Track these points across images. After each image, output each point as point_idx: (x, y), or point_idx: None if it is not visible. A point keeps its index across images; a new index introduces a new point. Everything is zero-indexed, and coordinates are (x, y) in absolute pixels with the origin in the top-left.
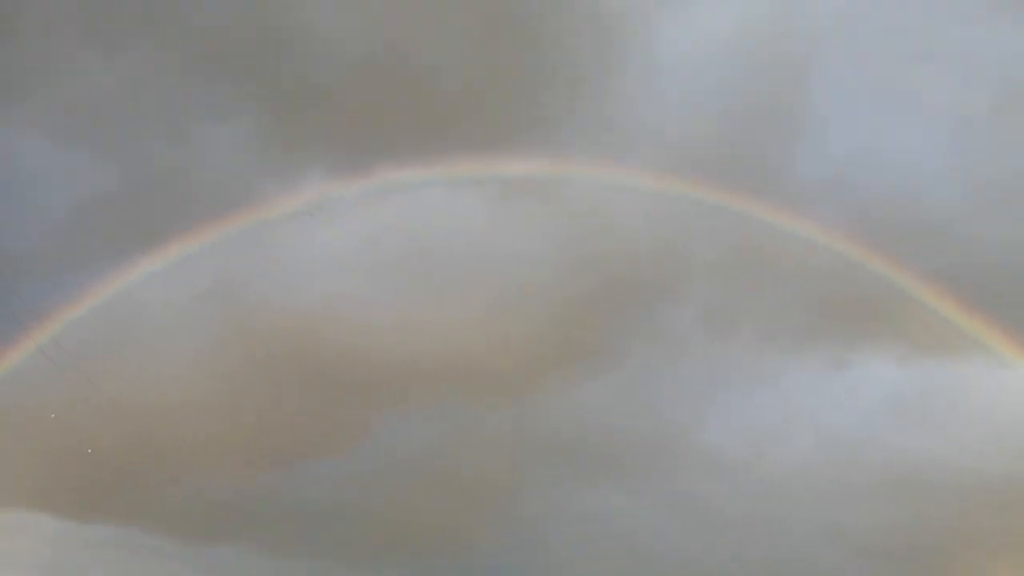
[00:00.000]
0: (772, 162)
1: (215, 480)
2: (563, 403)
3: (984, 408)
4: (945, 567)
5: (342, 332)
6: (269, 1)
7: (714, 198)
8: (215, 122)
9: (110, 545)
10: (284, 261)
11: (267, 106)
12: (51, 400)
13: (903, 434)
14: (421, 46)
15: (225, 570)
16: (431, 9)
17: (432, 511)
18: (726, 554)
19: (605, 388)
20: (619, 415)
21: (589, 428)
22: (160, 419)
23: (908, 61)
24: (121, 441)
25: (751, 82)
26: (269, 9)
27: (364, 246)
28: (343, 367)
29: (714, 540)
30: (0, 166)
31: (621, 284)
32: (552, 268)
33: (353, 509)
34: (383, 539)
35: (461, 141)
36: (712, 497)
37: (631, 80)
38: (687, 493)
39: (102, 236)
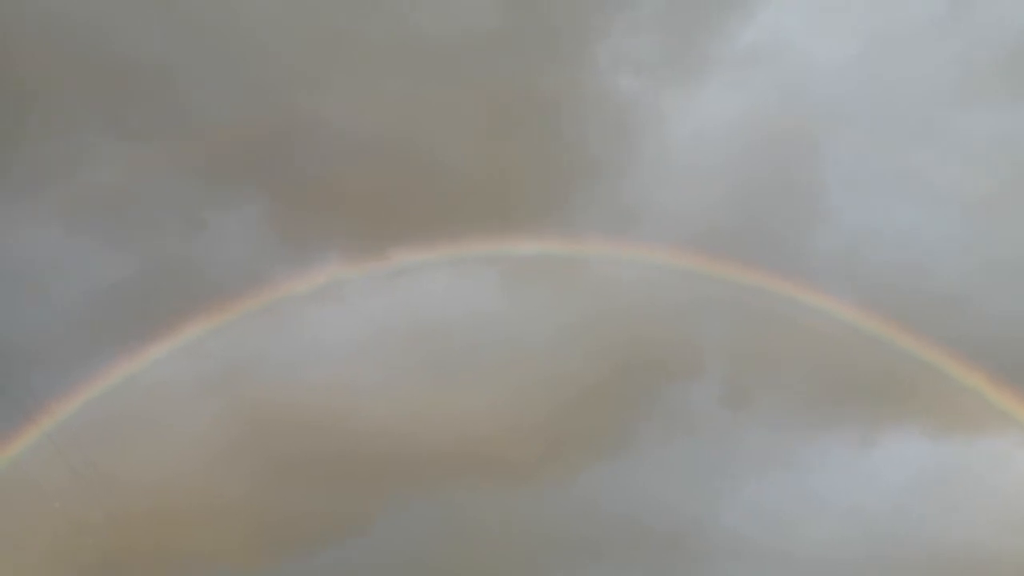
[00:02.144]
0: (786, 237)
1: (227, 570)
2: (577, 491)
3: (1017, 484)
4: None
5: (350, 418)
6: (280, 92)
7: (729, 274)
8: (228, 210)
9: None
10: (294, 346)
11: (280, 193)
12: (56, 488)
13: (934, 513)
14: (432, 132)
15: None
16: (441, 97)
17: None
18: None
19: (621, 475)
20: (636, 502)
21: (604, 516)
22: (167, 507)
23: (913, 142)
24: (127, 530)
25: (761, 159)
26: (280, 99)
27: (375, 330)
28: (351, 454)
29: None
30: (14, 256)
31: (636, 366)
32: (566, 351)
33: None
34: None
35: (474, 225)
36: None
37: (643, 161)
38: None
39: (113, 323)
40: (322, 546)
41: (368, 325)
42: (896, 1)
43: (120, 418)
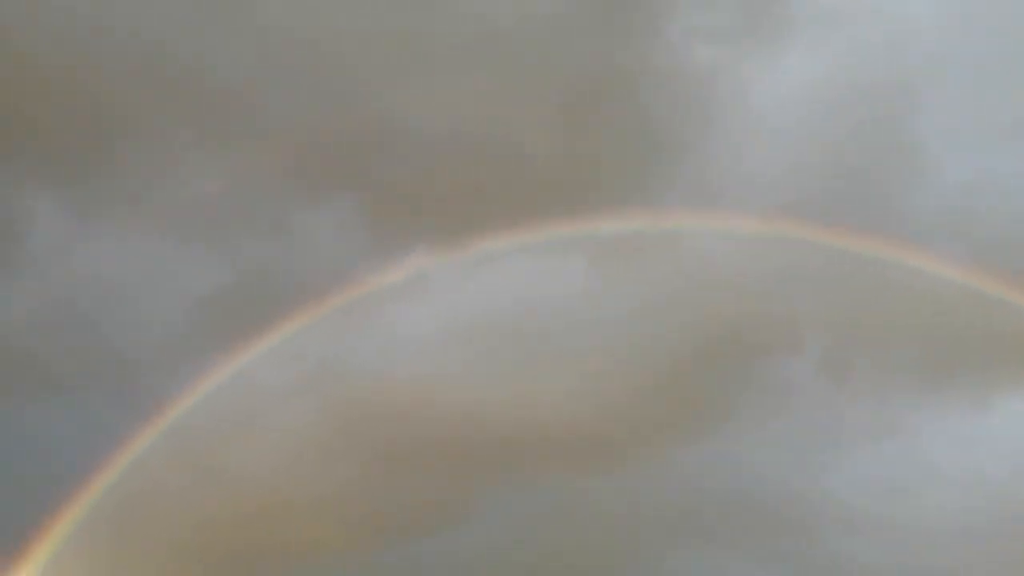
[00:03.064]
0: (885, 197)
1: (330, 558)
2: (674, 471)
3: None
4: None
5: (442, 408)
6: (357, 93)
7: (825, 240)
8: (314, 211)
9: None
10: (384, 340)
11: (363, 192)
12: (172, 488)
13: None
14: (508, 121)
15: None
16: (513, 85)
17: None
18: None
19: (719, 453)
20: (737, 477)
21: (704, 495)
22: (274, 501)
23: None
24: (241, 525)
25: (852, 120)
26: (358, 100)
27: (462, 320)
28: (444, 444)
29: None
30: (120, 268)
31: (730, 341)
32: (655, 329)
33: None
34: None
35: (556, 209)
36: (848, 557)
37: (727, 131)
38: (821, 555)
39: (215, 327)
40: (419, 535)
41: (455, 315)
42: None
43: (227, 418)
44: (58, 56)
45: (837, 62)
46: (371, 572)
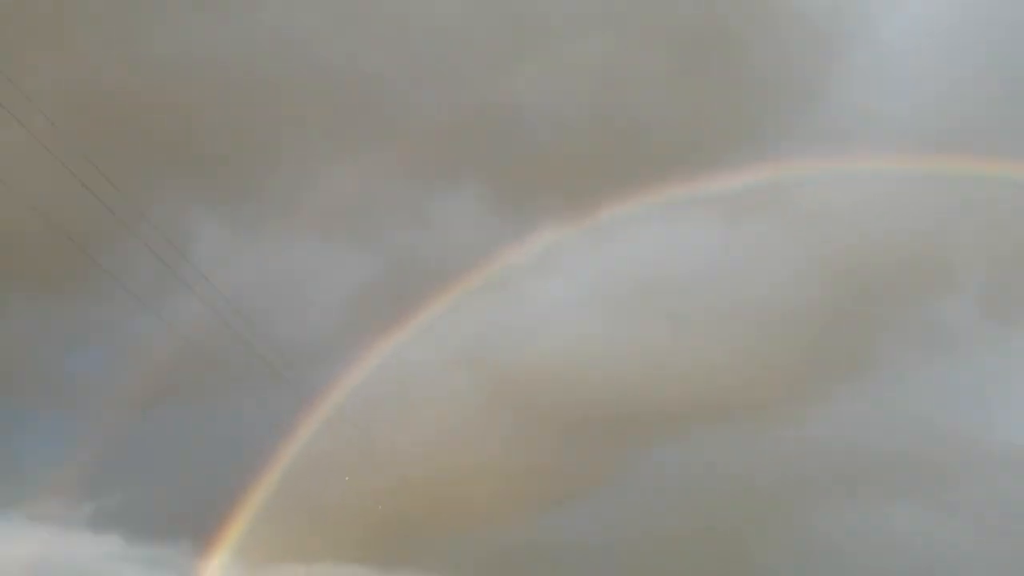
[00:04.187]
0: None
1: (499, 525)
2: (830, 421)
3: None
4: None
5: (586, 376)
6: (477, 81)
7: (972, 171)
8: (447, 198)
9: None
10: (524, 314)
11: (491, 174)
12: (342, 465)
13: None
14: (623, 89)
15: None
16: (624, 53)
17: (711, 541)
18: None
19: (880, 398)
20: (900, 424)
21: (861, 447)
22: (436, 473)
23: None
24: (405, 496)
25: (989, 46)
26: (478, 88)
27: (596, 289)
28: (591, 410)
29: None
30: (278, 266)
31: (878, 287)
32: (796, 281)
33: (623, 541)
34: (661, 568)
35: (680, 170)
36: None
37: (853, 71)
38: (994, 501)
39: (366, 315)
40: (573, 500)
41: (590, 284)
42: None
43: (385, 398)
44: (204, 86)
45: None
46: (527, 537)
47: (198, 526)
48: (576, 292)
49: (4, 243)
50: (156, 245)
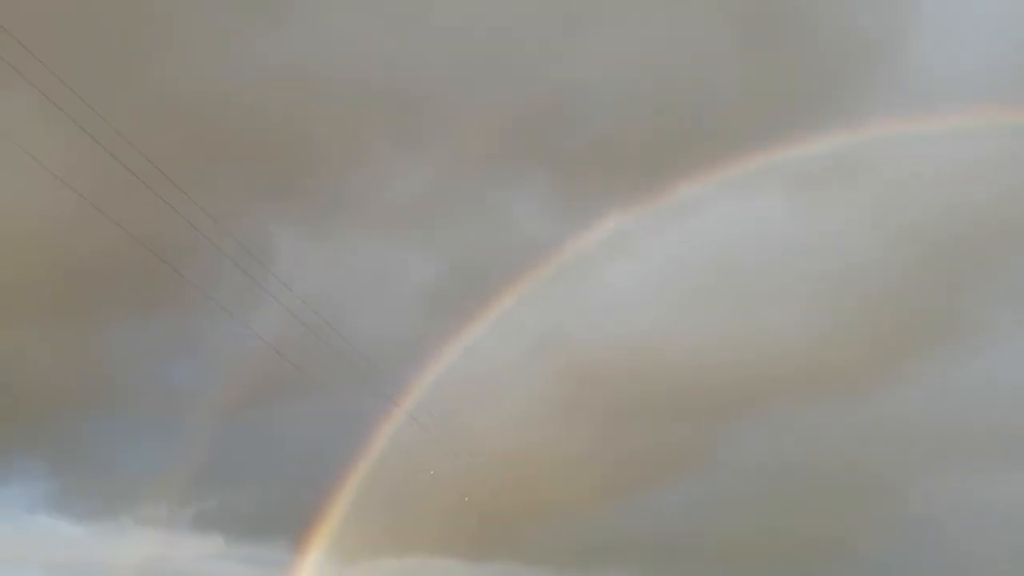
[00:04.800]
0: None
1: (587, 513)
2: (931, 391)
3: None
4: None
5: (668, 358)
6: (535, 73)
7: None
8: (513, 190)
9: None
10: (598, 299)
11: (554, 163)
12: (427, 460)
13: None
14: (686, 66)
15: None
16: (685, 30)
17: (804, 524)
18: None
19: (976, 367)
20: (999, 393)
21: (967, 413)
22: (521, 464)
23: None
24: (491, 488)
25: None
26: (537, 79)
27: (672, 268)
28: (676, 393)
29: None
30: (352, 268)
31: (971, 245)
32: (878, 246)
33: (716, 525)
34: (756, 552)
35: (750, 141)
36: None
37: (926, 26)
38: None
39: (440, 311)
40: (663, 486)
41: (662, 266)
42: None
43: (464, 394)
44: (268, 101)
45: None
46: (615, 525)
47: (293, 524)
48: (651, 276)
49: (100, 266)
50: (239, 257)
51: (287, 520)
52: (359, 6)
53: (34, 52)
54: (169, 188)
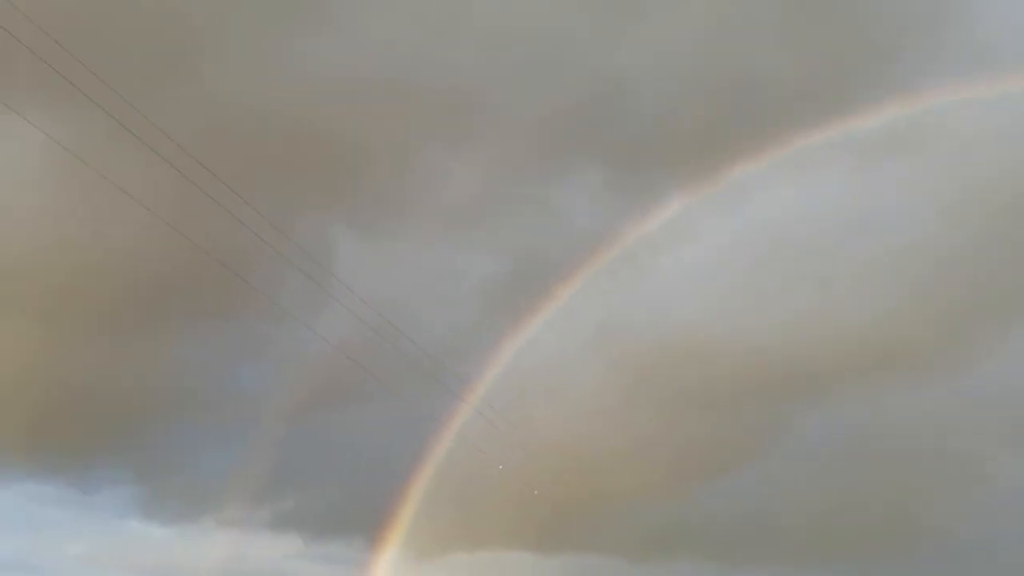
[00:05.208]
0: None
1: (656, 503)
2: (1008, 364)
3: None
4: None
5: (732, 343)
6: (579, 60)
7: None
8: (567, 182)
9: (576, 572)
10: (659, 288)
11: (608, 152)
12: (495, 455)
13: None
14: (736, 45)
15: None
16: (732, 6)
17: (876, 506)
18: None
19: None
20: None
21: None
22: (587, 455)
23: None
24: (559, 480)
25: None
26: (581, 66)
27: (732, 251)
28: (740, 378)
29: None
30: (409, 275)
31: None
32: (951, 216)
33: (786, 509)
34: (829, 535)
35: (806, 117)
36: None
37: None
38: None
39: (500, 306)
40: (724, 472)
41: (722, 250)
42: None
43: (527, 388)
44: (320, 107)
45: None
46: (682, 513)
47: (368, 522)
48: (710, 259)
49: (172, 278)
50: (302, 262)
51: (362, 519)
52: (403, 7)
53: (96, 72)
54: (231, 198)
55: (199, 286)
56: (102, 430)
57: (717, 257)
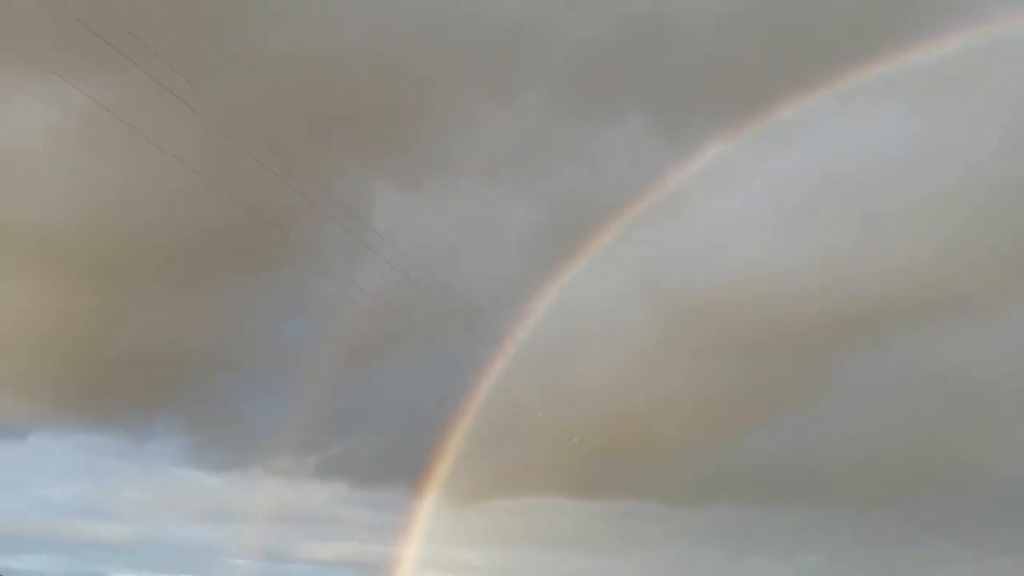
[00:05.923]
0: None
1: (696, 449)
2: None
3: None
4: None
5: (777, 289)
6: (626, 16)
7: None
8: (607, 126)
9: (615, 517)
10: (701, 233)
11: (649, 94)
12: (535, 403)
13: None
14: None
15: (716, 528)
16: None
17: (927, 452)
18: None
19: None
20: None
21: None
22: (628, 403)
23: None
24: (599, 428)
25: None
26: (620, 6)
27: (777, 194)
28: (786, 325)
29: None
30: (448, 224)
31: None
32: (1003, 153)
33: (835, 457)
34: (884, 482)
35: (859, 51)
36: None
37: None
38: None
39: (540, 257)
40: (767, 421)
41: (767, 193)
42: None
43: (565, 336)
44: (358, 62)
45: None
46: (722, 462)
47: (411, 469)
48: (754, 204)
49: (218, 235)
50: (343, 217)
51: (404, 466)
52: None
53: (136, 34)
54: (272, 155)
55: (245, 242)
56: (155, 383)
57: (761, 202)
